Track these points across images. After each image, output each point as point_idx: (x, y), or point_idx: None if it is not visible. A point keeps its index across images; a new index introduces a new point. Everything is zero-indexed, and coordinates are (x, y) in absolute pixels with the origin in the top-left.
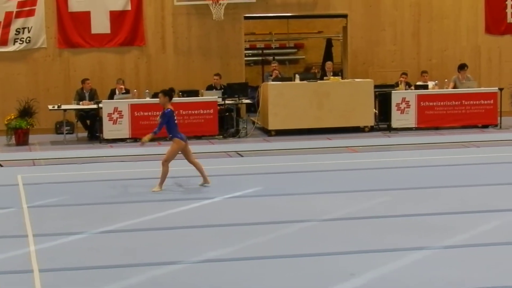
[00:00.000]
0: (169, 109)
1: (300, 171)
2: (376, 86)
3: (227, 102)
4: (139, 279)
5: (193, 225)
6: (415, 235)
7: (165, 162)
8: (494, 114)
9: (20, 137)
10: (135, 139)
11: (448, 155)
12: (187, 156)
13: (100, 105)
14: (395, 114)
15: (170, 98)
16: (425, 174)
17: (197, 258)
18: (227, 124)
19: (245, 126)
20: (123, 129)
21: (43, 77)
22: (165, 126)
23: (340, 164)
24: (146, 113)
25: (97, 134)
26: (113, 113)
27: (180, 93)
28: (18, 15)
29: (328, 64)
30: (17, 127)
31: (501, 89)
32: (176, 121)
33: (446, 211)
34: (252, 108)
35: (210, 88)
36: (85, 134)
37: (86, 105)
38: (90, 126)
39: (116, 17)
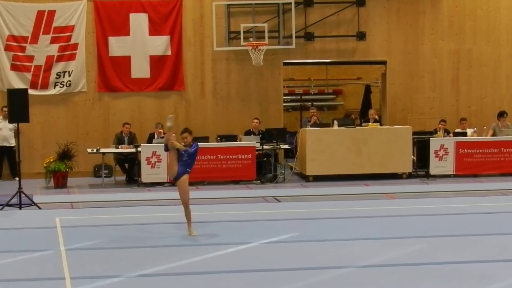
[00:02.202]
0: (197, 143)
1: (337, 217)
2: (414, 133)
3: (265, 147)
4: None
5: (228, 270)
6: (452, 283)
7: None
8: None
9: (59, 180)
10: (173, 183)
11: (487, 202)
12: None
13: (139, 149)
14: (433, 161)
15: None
16: (463, 221)
17: None
18: (265, 169)
19: (283, 171)
20: (161, 173)
21: (83, 121)
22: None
23: (377, 210)
24: None
25: (135, 178)
26: (152, 157)
27: (219, 138)
28: (59, 59)
29: (371, 111)
30: (56, 170)
31: None
32: None
33: (484, 259)
34: (290, 154)
35: (248, 133)
36: (123, 177)
37: (125, 149)
38: (128, 170)
39: (156, 62)
